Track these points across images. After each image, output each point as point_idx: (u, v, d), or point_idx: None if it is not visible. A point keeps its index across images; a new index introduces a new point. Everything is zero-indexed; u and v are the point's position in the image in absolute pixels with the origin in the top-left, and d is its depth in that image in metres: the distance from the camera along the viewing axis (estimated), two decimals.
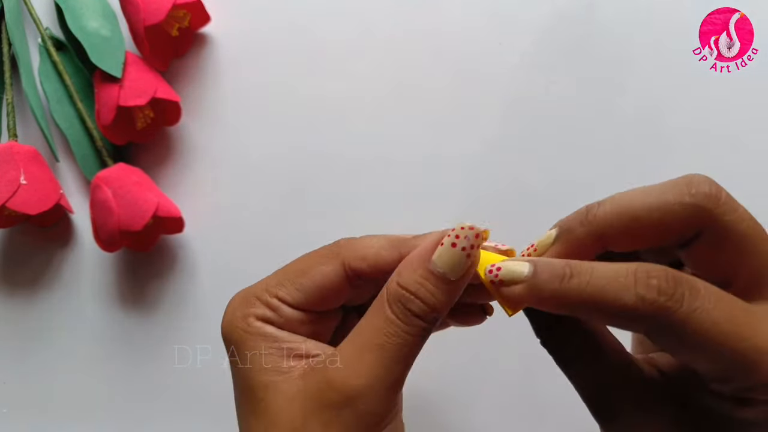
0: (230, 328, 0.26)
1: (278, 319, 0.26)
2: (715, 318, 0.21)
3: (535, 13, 0.43)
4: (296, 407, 0.24)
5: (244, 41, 0.44)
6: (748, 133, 0.42)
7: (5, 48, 0.43)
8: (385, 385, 0.24)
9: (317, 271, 0.26)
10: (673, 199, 0.23)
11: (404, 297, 0.24)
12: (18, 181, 0.40)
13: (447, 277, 0.24)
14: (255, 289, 0.27)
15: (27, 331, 0.44)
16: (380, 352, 0.24)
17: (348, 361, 0.24)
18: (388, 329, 0.24)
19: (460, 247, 0.24)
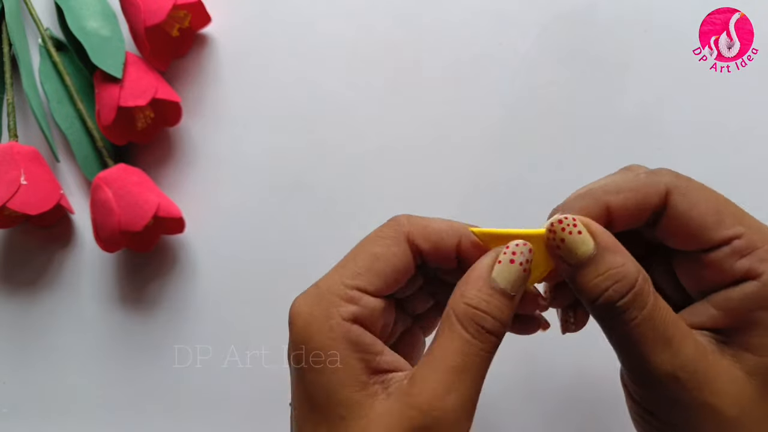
0: (309, 333, 0.25)
1: (363, 312, 0.25)
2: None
3: (535, 13, 0.43)
4: (380, 430, 0.24)
5: (244, 41, 0.45)
6: (748, 133, 0.42)
7: (6, 48, 0.43)
8: (469, 404, 0.24)
9: (391, 254, 0.26)
10: (645, 183, 0.26)
11: (477, 316, 0.24)
12: (18, 181, 0.40)
13: (508, 293, 0.25)
14: (328, 285, 0.26)
15: (27, 331, 0.44)
16: (463, 373, 0.24)
17: (431, 384, 0.24)
18: (467, 349, 0.24)
19: (517, 263, 0.25)
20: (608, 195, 0.26)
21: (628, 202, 0.26)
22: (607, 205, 0.26)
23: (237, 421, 0.43)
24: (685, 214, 0.26)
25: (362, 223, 0.43)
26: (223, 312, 0.43)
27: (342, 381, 0.24)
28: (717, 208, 0.26)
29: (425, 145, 0.43)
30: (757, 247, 0.25)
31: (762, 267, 0.25)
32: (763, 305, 0.24)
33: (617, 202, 0.26)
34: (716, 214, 0.25)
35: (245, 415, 0.43)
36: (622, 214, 0.26)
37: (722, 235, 0.25)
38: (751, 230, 0.25)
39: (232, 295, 0.43)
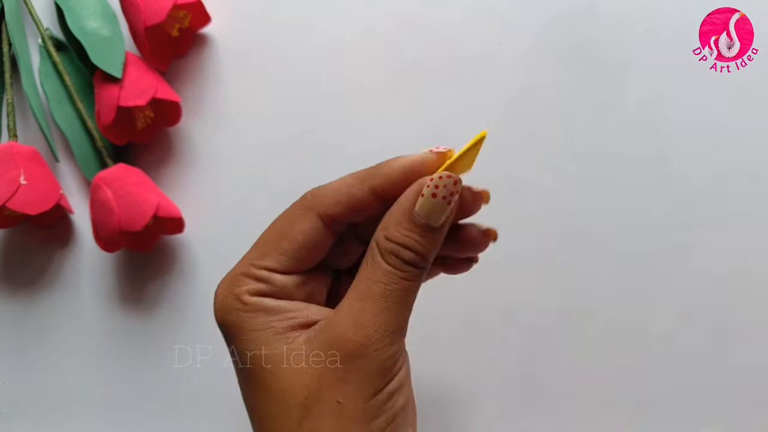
0: (225, 311, 0.26)
1: (273, 289, 0.26)
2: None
3: (535, 13, 0.43)
4: (307, 372, 0.24)
5: (244, 41, 0.45)
6: (748, 133, 0.42)
7: (5, 48, 0.43)
8: (393, 327, 0.24)
9: (297, 230, 0.26)
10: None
11: (395, 249, 0.25)
12: (18, 181, 0.40)
13: (430, 225, 0.25)
14: (239, 267, 0.27)
15: (27, 331, 0.44)
16: (382, 299, 0.24)
17: (351, 315, 0.24)
18: (386, 278, 0.25)
19: (440, 197, 0.25)
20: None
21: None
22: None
23: (237, 421, 0.43)
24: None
25: None
26: None
27: (265, 342, 0.25)
28: None
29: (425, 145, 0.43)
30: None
31: None
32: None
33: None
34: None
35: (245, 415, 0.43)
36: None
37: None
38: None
39: None
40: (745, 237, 0.41)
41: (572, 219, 0.42)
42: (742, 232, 0.41)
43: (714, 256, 0.41)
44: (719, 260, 0.41)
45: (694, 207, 0.42)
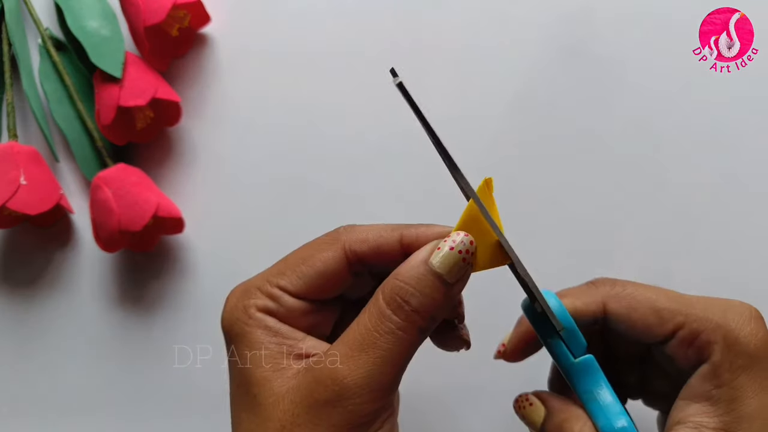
0: (231, 320, 0.26)
1: (279, 310, 0.26)
2: None
3: (534, 14, 0.43)
4: (287, 404, 0.24)
5: (244, 41, 0.44)
6: (748, 133, 0.42)
7: (5, 48, 0.43)
8: (377, 385, 0.23)
9: (318, 258, 0.26)
10: (583, 293, 0.29)
11: (402, 290, 0.24)
12: (18, 181, 0.40)
13: (444, 279, 0.24)
14: (255, 280, 0.27)
15: (27, 331, 0.44)
16: (373, 350, 0.24)
17: (340, 359, 0.24)
18: (382, 326, 0.24)
19: (457, 251, 0.25)
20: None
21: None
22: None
23: None
24: (627, 318, 0.28)
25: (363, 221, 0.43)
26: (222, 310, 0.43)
27: (258, 364, 0.25)
28: (654, 306, 0.27)
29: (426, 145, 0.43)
30: (699, 332, 0.26)
31: (708, 349, 0.26)
32: (717, 383, 0.26)
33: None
34: (654, 313, 0.27)
35: None
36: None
37: (664, 331, 0.27)
38: (689, 318, 0.27)
39: None
40: (746, 237, 0.41)
41: (572, 219, 0.42)
42: (742, 232, 0.41)
43: (714, 256, 0.41)
44: (719, 260, 0.41)
45: (694, 207, 0.42)
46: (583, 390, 0.27)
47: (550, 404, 0.28)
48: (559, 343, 0.27)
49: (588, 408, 0.27)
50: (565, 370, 0.27)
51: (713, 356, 0.26)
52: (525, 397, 0.29)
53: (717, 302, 0.27)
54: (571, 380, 0.27)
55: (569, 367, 0.27)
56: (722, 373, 0.26)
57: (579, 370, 0.27)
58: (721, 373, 0.26)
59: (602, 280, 0.30)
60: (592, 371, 0.27)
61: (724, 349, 0.26)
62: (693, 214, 0.42)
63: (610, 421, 0.26)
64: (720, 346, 0.26)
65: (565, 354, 0.27)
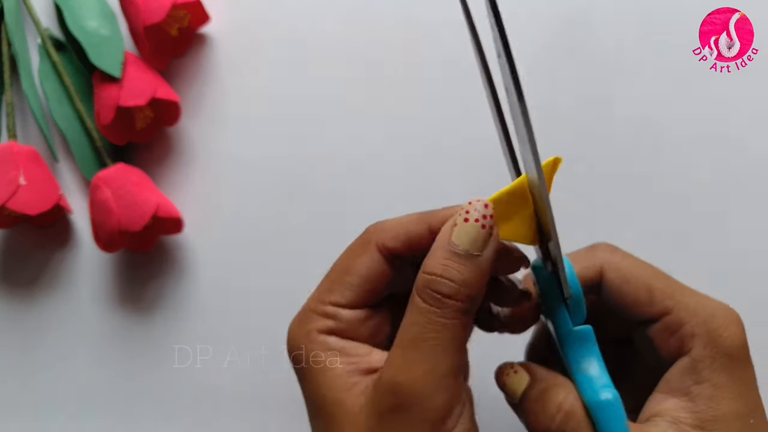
0: (295, 347, 0.26)
1: (339, 326, 0.26)
2: None
3: (533, 14, 0.43)
4: (362, 420, 0.24)
5: (244, 41, 0.44)
6: (748, 134, 0.42)
7: (5, 48, 0.43)
8: (436, 377, 0.23)
9: (358, 264, 0.26)
10: (582, 258, 0.29)
11: (431, 281, 0.24)
12: (17, 181, 0.40)
13: (470, 253, 0.24)
14: (309, 304, 0.27)
15: (27, 331, 0.44)
16: (423, 344, 0.23)
17: (394, 363, 0.24)
18: (422, 320, 0.24)
19: (472, 220, 0.24)
20: None
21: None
22: None
23: (237, 422, 0.43)
24: (619, 289, 0.27)
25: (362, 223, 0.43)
26: (223, 312, 0.43)
27: (328, 385, 0.25)
28: (648, 283, 0.27)
29: (425, 145, 0.43)
30: (684, 323, 0.26)
31: (690, 342, 0.26)
32: (696, 379, 0.25)
33: None
34: (647, 289, 0.27)
35: (245, 415, 0.43)
36: None
37: (652, 310, 0.27)
38: (679, 306, 0.27)
39: (232, 295, 0.43)
40: (746, 237, 0.41)
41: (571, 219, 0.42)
42: (742, 232, 0.41)
43: (714, 256, 0.41)
44: (719, 260, 0.41)
45: (694, 207, 0.42)
46: (574, 359, 0.26)
47: (534, 372, 0.27)
48: (562, 308, 0.27)
49: (575, 378, 0.26)
50: (560, 336, 0.27)
51: (694, 350, 0.26)
52: (510, 365, 0.28)
53: (708, 300, 0.27)
54: (563, 348, 0.27)
55: (566, 334, 0.26)
56: (702, 369, 0.25)
57: (575, 339, 0.26)
58: (701, 369, 0.25)
59: (603, 246, 0.29)
60: (588, 342, 0.26)
61: (707, 345, 0.26)
62: (693, 214, 0.42)
63: (597, 393, 0.25)
64: (702, 341, 0.26)
65: (565, 320, 0.26)
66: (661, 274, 0.28)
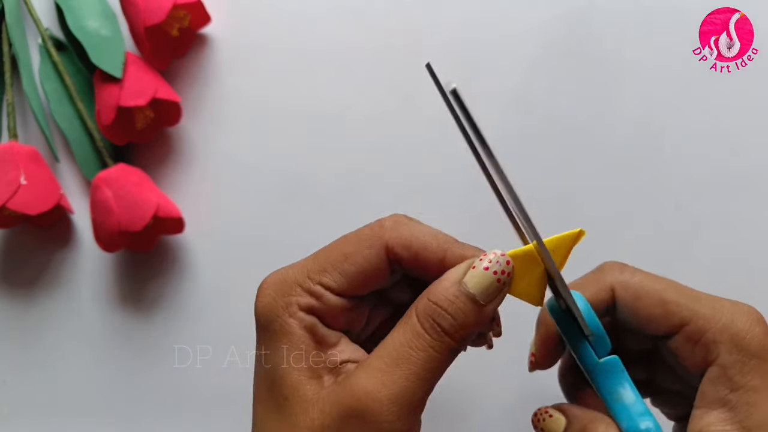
0: (269, 315, 0.25)
1: (322, 308, 0.25)
2: None
3: (533, 14, 0.43)
4: (317, 412, 0.24)
5: (244, 42, 0.44)
6: (748, 133, 0.42)
7: (5, 48, 0.43)
8: (408, 402, 0.23)
9: (361, 255, 0.26)
10: (591, 281, 0.29)
11: (435, 312, 0.24)
12: (18, 181, 0.40)
13: (477, 300, 0.24)
14: (294, 274, 0.26)
15: (27, 331, 0.44)
16: (406, 365, 0.23)
17: (373, 373, 0.24)
18: (415, 343, 0.24)
19: (491, 271, 0.24)
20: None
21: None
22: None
23: (237, 421, 0.43)
24: (632, 307, 0.27)
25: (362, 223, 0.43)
26: (223, 312, 0.43)
27: (294, 363, 0.25)
28: (661, 297, 0.27)
29: (425, 145, 0.43)
30: (705, 331, 0.26)
31: (715, 350, 0.26)
32: (731, 387, 0.25)
33: None
34: (661, 304, 0.27)
35: (245, 415, 0.43)
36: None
37: (670, 323, 0.26)
38: (696, 315, 0.26)
39: (232, 295, 0.43)
40: (747, 236, 0.41)
41: (571, 220, 0.42)
42: (743, 231, 0.41)
43: (715, 255, 0.41)
44: (720, 259, 0.41)
45: (695, 206, 0.42)
46: (607, 391, 0.26)
47: (570, 413, 0.27)
48: (585, 344, 0.27)
49: (611, 408, 0.26)
50: (588, 370, 0.27)
51: (720, 357, 0.25)
52: (544, 410, 0.28)
53: (724, 302, 0.27)
54: (594, 380, 0.27)
55: (593, 367, 0.27)
56: (734, 375, 0.25)
57: (604, 371, 0.26)
58: (732, 375, 0.25)
59: (610, 265, 0.29)
60: (617, 371, 0.26)
61: (733, 351, 0.25)
62: (693, 214, 0.42)
63: (635, 422, 0.25)
64: (727, 347, 0.25)
65: (590, 354, 0.27)
66: (673, 285, 0.27)
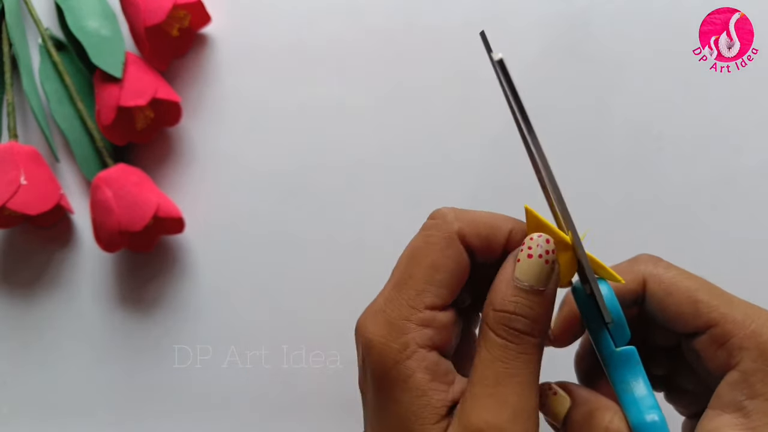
0: (387, 362, 0.24)
1: (437, 334, 0.24)
2: None
3: (534, 15, 0.43)
4: None
5: (244, 42, 0.45)
6: (748, 133, 0.42)
7: (6, 48, 0.43)
8: (524, 413, 0.23)
9: (447, 259, 0.25)
10: (623, 271, 0.28)
11: (505, 318, 0.23)
12: (18, 181, 0.40)
13: (535, 288, 0.24)
14: (396, 309, 0.24)
15: (27, 331, 0.44)
16: (508, 380, 0.23)
17: (483, 402, 0.23)
18: (504, 355, 0.23)
19: (536, 256, 0.24)
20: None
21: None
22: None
23: (237, 421, 0.43)
24: (662, 301, 0.27)
25: (362, 223, 0.43)
26: (223, 312, 0.43)
27: (417, 414, 0.23)
28: (692, 296, 0.26)
29: (426, 146, 0.43)
30: (732, 335, 0.25)
31: (739, 355, 0.25)
32: (749, 394, 0.25)
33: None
34: (692, 302, 0.26)
35: (245, 415, 0.43)
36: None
37: (697, 323, 0.26)
38: (726, 318, 0.26)
39: (232, 295, 0.43)
40: (746, 237, 0.41)
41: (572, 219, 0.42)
42: (742, 232, 0.41)
43: (714, 257, 0.41)
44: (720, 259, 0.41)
45: (694, 206, 0.42)
46: (619, 380, 0.26)
47: (576, 394, 0.26)
48: (604, 331, 0.26)
49: (621, 398, 0.26)
50: (604, 357, 0.27)
51: (743, 363, 0.25)
52: (548, 386, 0.27)
53: (758, 310, 0.26)
54: (608, 368, 0.27)
55: (609, 355, 0.26)
56: (755, 383, 0.25)
57: (619, 360, 0.26)
58: (753, 382, 0.25)
59: (645, 257, 0.29)
60: (632, 363, 0.26)
61: (758, 359, 0.25)
62: (693, 214, 0.42)
63: (642, 414, 0.25)
64: (752, 354, 0.25)
65: (607, 342, 0.26)
66: (707, 285, 0.27)
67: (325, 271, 0.43)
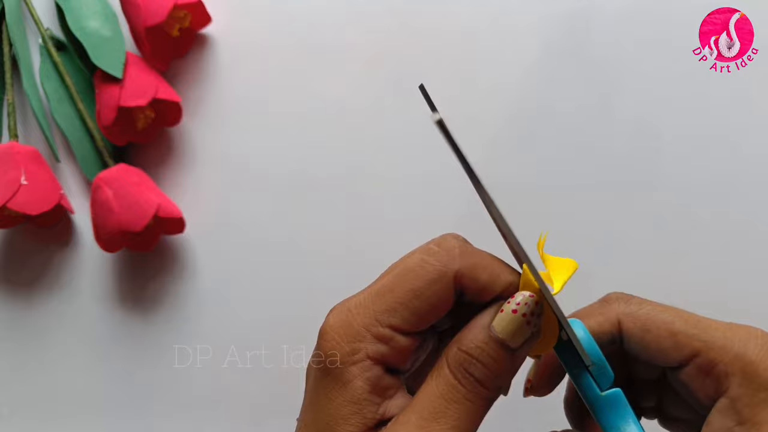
0: (333, 356, 0.24)
1: (391, 353, 0.24)
2: None
3: (534, 15, 0.43)
4: None
5: (245, 42, 0.45)
6: (748, 133, 0.42)
7: (6, 48, 0.43)
8: None
9: (431, 291, 0.24)
10: (596, 312, 0.28)
11: (466, 361, 0.23)
12: (19, 181, 0.40)
13: (507, 344, 0.23)
14: (362, 316, 0.24)
15: (27, 331, 0.44)
16: (443, 419, 0.23)
17: (410, 429, 0.23)
18: (450, 395, 0.23)
19: (520, 314, 0.23)
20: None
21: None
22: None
23: (237, 421, 0.43)
24: (641, 339, 0.26)
25: (361, 223, 0.43)
26: (223, 312, 0.43)
27: (347, 418, 0.23)
28: (670, 329, 0.26)
29: (425, 146, 0.43)
30: (717, 362, 0.25)
31: (726, 381, 0.25)
32: (737, 420, 0.24)
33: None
34: (671, 335, 0.26)
35: (245, 415, 0.43)
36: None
37: (680, 356, 0.26)
38: (707, 345, 0.25)
39: (232, 295, 0.43)
40: (746, 237, 0.41)
41: (571, 220, 0.42)
42: (742, 232, 0.41)
43: (713, 256, 0.41)
44: (720, 259, 0.41)
45: (694, 207, 0.42)
46: (609, 426, 0.26)
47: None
48: (586, 375, 0.26)
49: None
50: (590, 403, 0.26)
51: (731, 390, 0.25)
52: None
53: (737, 330, 0.26)
54: (596, 414, 0.26)
55: (595, 399, 0.26)
56: (742, 409, 0.24)
57: (606, 404, 0.26)
58: (740, 408, 0.24)
59: (616, 296, 0.28)
60: (619, 405, 0.26)
61: (743, 382, 0.24)
62: (693, 214, 0.42)
63: None
64: (738, 379, 0.25)
65: (591, 386, 0.26)
66: (683, 315, 0.27)
67: (325, 270, 0.43)
